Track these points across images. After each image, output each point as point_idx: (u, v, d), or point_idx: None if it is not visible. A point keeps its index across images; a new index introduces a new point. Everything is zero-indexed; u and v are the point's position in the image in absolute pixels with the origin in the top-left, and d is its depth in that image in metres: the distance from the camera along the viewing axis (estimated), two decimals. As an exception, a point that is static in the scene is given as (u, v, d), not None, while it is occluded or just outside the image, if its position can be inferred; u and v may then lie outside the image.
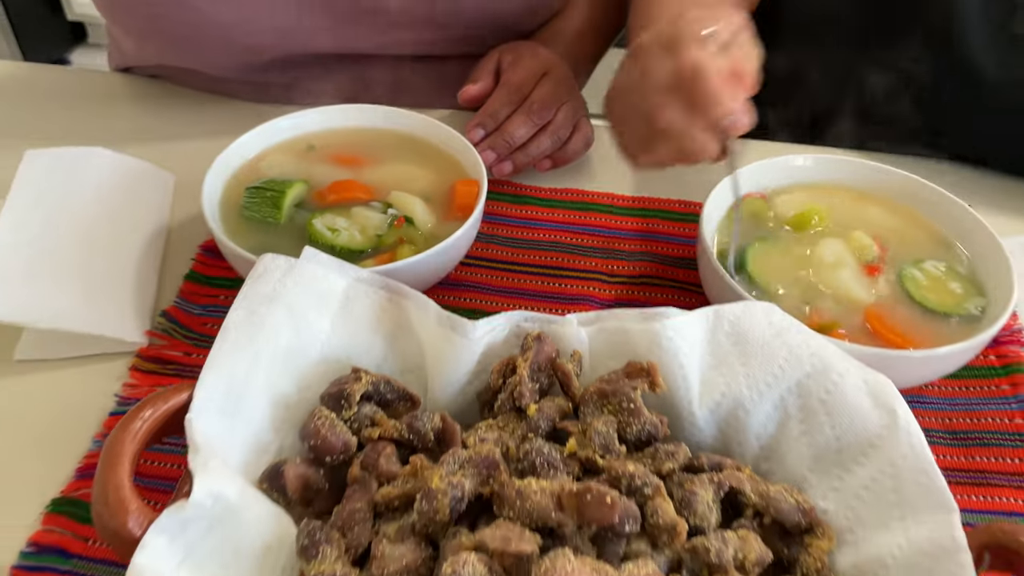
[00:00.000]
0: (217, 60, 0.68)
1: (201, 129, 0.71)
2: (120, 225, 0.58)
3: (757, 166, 0.57)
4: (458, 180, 0.57)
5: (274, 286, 0.44)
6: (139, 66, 0.76)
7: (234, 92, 0.73)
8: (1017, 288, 0.49)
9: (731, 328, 0.44)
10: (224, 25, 0.64)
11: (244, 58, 0.67)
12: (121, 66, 0.78)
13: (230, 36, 0.65)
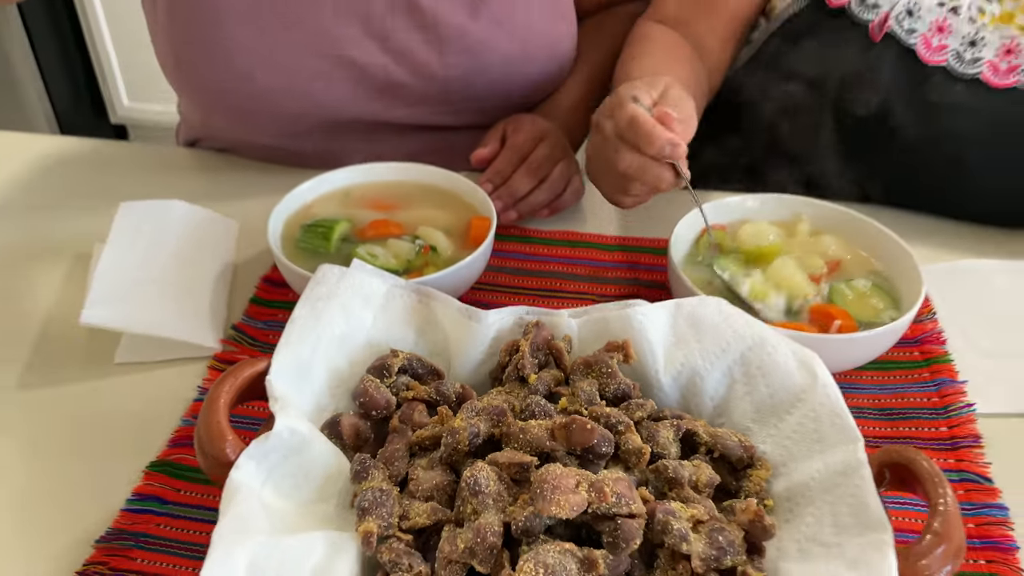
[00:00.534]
0: (268, 127, 0.83)
1: (255, 189, 0.84)
2: (197, 258, 0.71)
3: (715, 204, 0.70)
4: (473, 217, 0.70)
5: (330, 288, 0.56)
6: (204, 138, 0.91)
7: (280, 160, 0.87)
8: (922, 297, 0.61)
9: (689, 315, 0.55)
10: (274, 92, 0.79)
11: (288, 126, 0.82)
12: (188, 139, 0.93)
13: (279, 104, 0.80)
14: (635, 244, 0.77)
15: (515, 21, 0.82)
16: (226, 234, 0.76)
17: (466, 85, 0.82)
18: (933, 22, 0.77)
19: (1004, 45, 0.75)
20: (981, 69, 0.75)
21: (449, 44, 0.80)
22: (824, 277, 0.66)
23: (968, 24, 0.76)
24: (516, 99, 0.86)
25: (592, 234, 0.79)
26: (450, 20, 0.80)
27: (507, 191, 0.76)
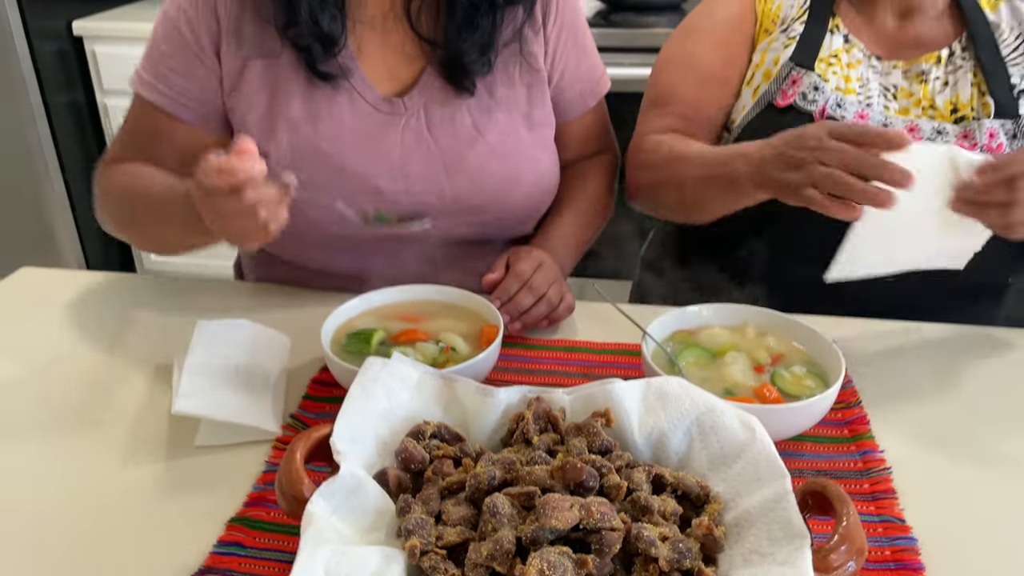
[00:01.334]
0: (316, 248, 1.02)
1: (300, 315, 1.01)
2: (259, 363, 0.87)
3: (679, 312, 0.87)
4: (485, 325, 0.87)
5: (376, 374, 0.72)
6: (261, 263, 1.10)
7: (322, 279, 1.06)
8: (841, 379, 0.77)
9: (656, 389, 0.71)
10: (321, 220, 0.98)
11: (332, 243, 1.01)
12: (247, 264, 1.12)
13: (324, 228, 0.99)
14: (616, 348, 0.94)
15: (506, 150, 1.03)
16: (280, 346, 0.92)
17: (468, 201, 1.03)
18: (856, 112, 1.03)
19: (907, 127, 1.02)
20: None
21: (452, 168, 1.02)
22: (768, 366, 0.82)
23: (880, 115, 1.02)
24: (510, 213, 1.06)
25: (583, 341, 0.96)
26: (454, 150, 1.01)
27: (512, 307, 0.93)
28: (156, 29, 1.01)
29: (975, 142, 1.01)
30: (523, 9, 1.03)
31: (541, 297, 0.95)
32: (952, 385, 0.89)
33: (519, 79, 1.05)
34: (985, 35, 1.05)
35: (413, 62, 1.03)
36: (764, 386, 0.79)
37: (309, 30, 0.95)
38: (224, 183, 0.74)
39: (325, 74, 0.98)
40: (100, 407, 0.85)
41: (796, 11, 1.09)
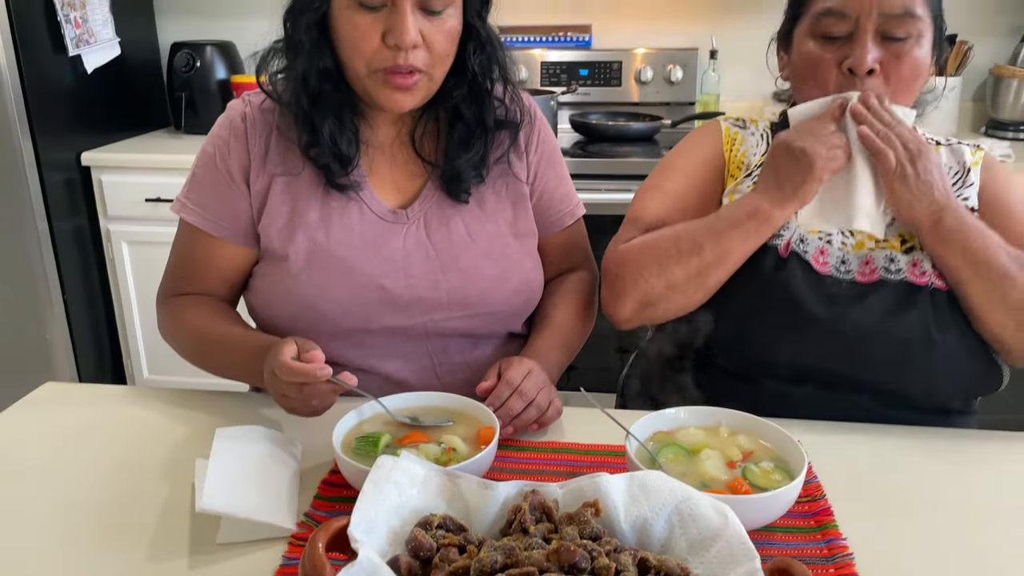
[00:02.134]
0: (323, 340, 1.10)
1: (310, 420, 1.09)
2: (275, 467, 0.95)
3: (657, 415, 0.96)
4: (481, 428, 0.95)
5: (387, 472, 0.80)
6: None
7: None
8: (804, 472, 0.85)
9: (640, 482, 0.79)
10: (330, 315, 1.12)
11: (340, 337, 1.13)
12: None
13: (334, 323, 1.12)
14: (601, 449, 1.02)
15: (495, 253, 1.18)
16: (293, 450, 1.00)
17: (463, 296, 1.16)
18: (816, 248, 1.15)
19: (862, 260, 1.14)
20: (854, 276, 1.12)
21: (447, 267, 1.16)
22: (739, 462, 0.90)
23: (839, 250, 1.14)
24: (500, 308, 1.19)
25: (570, 443, 1.04)
26: (449, 253, 1.16)
27: (504, 411, 1.02)
28: (196, 163, 1.19)
29: (923, 269, 1.12)
30: (509, 135, 1.21)
31: (531, 402, 1.03)
32: (917, 480, 0.97)
33: (506, 195, 1.22)
34: None
35: (415, 178, 1.21)
36: (736, 479, 0.87)
37: (329, 150, 1.12)
38: (291, 379, 0.94)
39: (341, 186, 1.14)
40: (126, 510, 0.92)
41: (759, 159, 1.24)
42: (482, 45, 1.14)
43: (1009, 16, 2.81)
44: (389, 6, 1.05)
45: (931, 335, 1.08)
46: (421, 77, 1.08)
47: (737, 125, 1.29)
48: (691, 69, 2.90)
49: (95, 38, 2.63)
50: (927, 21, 1.11)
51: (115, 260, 2.68)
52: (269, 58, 1.14)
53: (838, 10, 1.10)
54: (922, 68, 1.12)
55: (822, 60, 1.13)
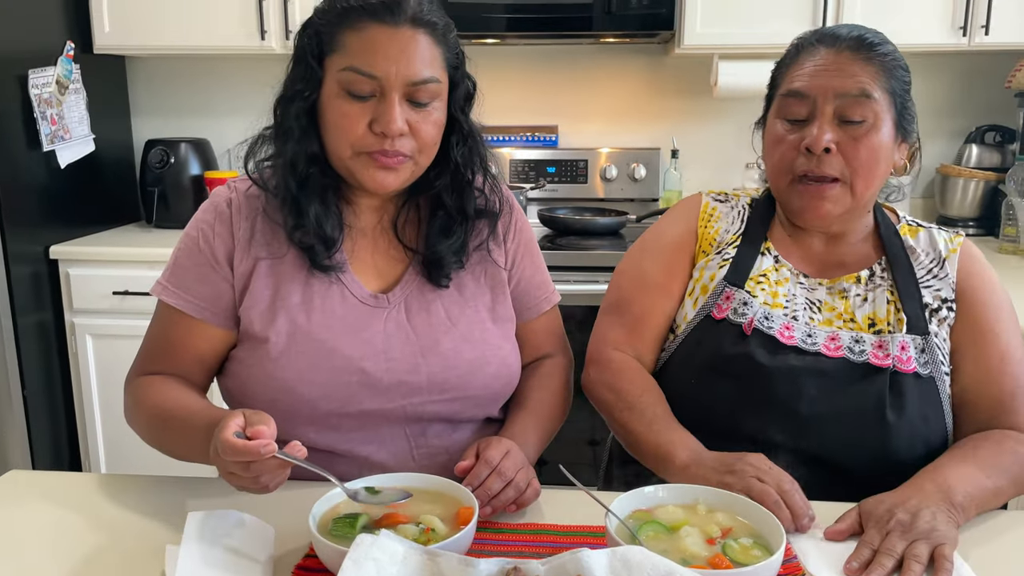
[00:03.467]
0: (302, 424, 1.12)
1: (283, 505, 1.07)
2: (247, 549, 0.93)
3: (635, 493, 0.96)
4: (461, 507, 0.95)
5: (366, 550, 0.79)
6: None
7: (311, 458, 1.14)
8: (783, 547, 0.86)
9: (621, 556, 0.79)
10: (309, 398, 1.11)
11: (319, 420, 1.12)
12: None
13: (313, 406, 1.12)
14: (580, 530, 1.02)
15: (474, 337, 1.20)
16: (267, 534, 0.98)
17: (443, 379, 1.17)
18: (782, 324, 1.19)
19: (829, 336, 1.18)
20: (818, 348, 1.16)
21: (428, 351, 1.16)
22: (719, 539, 0.91)
23: (805, 324, 1.18)
24: (480, 392, 1.20)
25: (549, 524, 1.03)
26: (430, 336, 1.17)
27: (483, 491, 1.01)
28: (178, 247, 1.19)
29: (888, 352, 1.16)
30: (488, 223, 1.24)
31: (509, 482, 1.03)
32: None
33: (485, 281, 1.24)
34: (902, 258, 1.23)
35: (397, 264, 1.23)
36: (717, 556, 0.87)
37: (314, 232, 1.13)
38: (236, 459, 0.90)
39: (324, 267, 1.15)
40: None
41: (731, 236, 1.30)
42: (464, 137, 1.19)
43: (952, 121, 2.98)
44: (378, 96, 1.09)
45: (884, 415, 1.13)
46: (406, 160, 1.12)
47: (718, 200, 1.35)
48: (654, 167, 3.01)
49: (70, 134, 2.67)
50: (885, 105, 1.16)
51: (78, 354, 2.64)
52: (258, 145, 1.18)
53: (799, 91, 1.18)
54: (881, 152, 1.16)
55: (784, 140, 1.20)
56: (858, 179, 1.16)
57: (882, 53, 1.17)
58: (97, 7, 2.73)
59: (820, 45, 1.19)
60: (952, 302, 1.21)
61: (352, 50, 1.09)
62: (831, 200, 1.18)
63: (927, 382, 1.16)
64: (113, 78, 3.02)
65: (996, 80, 2.83)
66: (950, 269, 1.23)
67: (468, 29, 2.66)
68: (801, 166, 1.18)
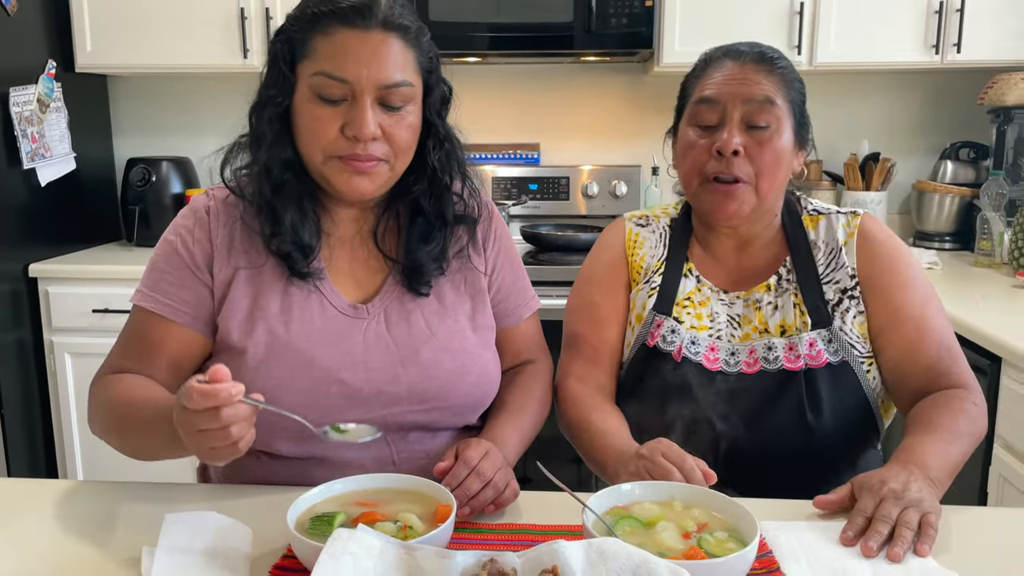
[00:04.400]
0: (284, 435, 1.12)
1: (261, 506, 1.07)
2: (224, 550, 0.92)
3: (613, 489, 0.97)
4: (439, 506, 0.95)
5: (344, 544, 0.79)
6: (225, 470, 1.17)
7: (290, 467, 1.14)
8: (757, 538, 0.86)
9: (597, 547, 0.80)
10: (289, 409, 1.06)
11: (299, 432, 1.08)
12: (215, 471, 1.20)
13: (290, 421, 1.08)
14: (559, 529, 1.02)
15: (455, 346, 1.19)
16: (244, 535, 0.97)
17: (423, 389, 1.16)
18: (707, 346, 1.26)
19: (748, 350, 1.25)
20: (741, 367, 1.23)
21: (408, 361, 1.16)
22: (694, 533, 0.91)
23: (728, 343, 1.25)
24: (460, 401, 1.19)
25: (527, 524, 1.03)
26: (409, 346, 1.16)
27: (462, 491, 1.01)
28: (156, 253, 1.18)
29: (798, 353, 1.24)
30: (468, 230, 1.24)
31: (488, 482, 1.03)
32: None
33: (465, 290, 1.24)
34: (804, 256, 1.30)
35: (376, 273, 1.22)
36: (692, 549, 0.87)
37: (291, 239, 1.13)
38: (204, 404, 0.85)
39: (303, 274, 1.14)
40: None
41: (656, 263, 1.36)
42: (441, 142, 1.19)
43: (927, 137, 3.03)
44: (350, 100, 1.09)
45: (805, 419, 1.21)
46: (380, 164, 1.12)
47: (640, 224, 1.41)
48: (634, 184, 3.04)
49: (51, 152, 2.67)
50: (785, 111, 1.25)
51: (57, 372, 2.62)
52: (233, 153, 1.17)
53: (710, 98, 1.26)
54: (783, 155, 1.25)
55: (696, 145, 1.27)
56: (763, 180, 1.24)
57: (781, 66, 1.27)
58: (79, 26, 2.74)
59: (726, 58, 1.28)
60: (853, 291, 1.27)
61: (323, 55, 1.09)
62: (738, 199, 1.25)
63: (840, 368, 1.24)
64: (95, 96, 3.03)
65: (969, 97, 2.88)
66: (847, 258, 1.29)
67: (450, 48, 2.69)
68: (712, 168, 1.25)
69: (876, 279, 1.27)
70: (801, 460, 1.24)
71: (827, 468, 1.21)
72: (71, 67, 2.77)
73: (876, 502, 0.99)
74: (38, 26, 2.65)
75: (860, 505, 1.00)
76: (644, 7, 2.65)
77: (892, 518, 0.96)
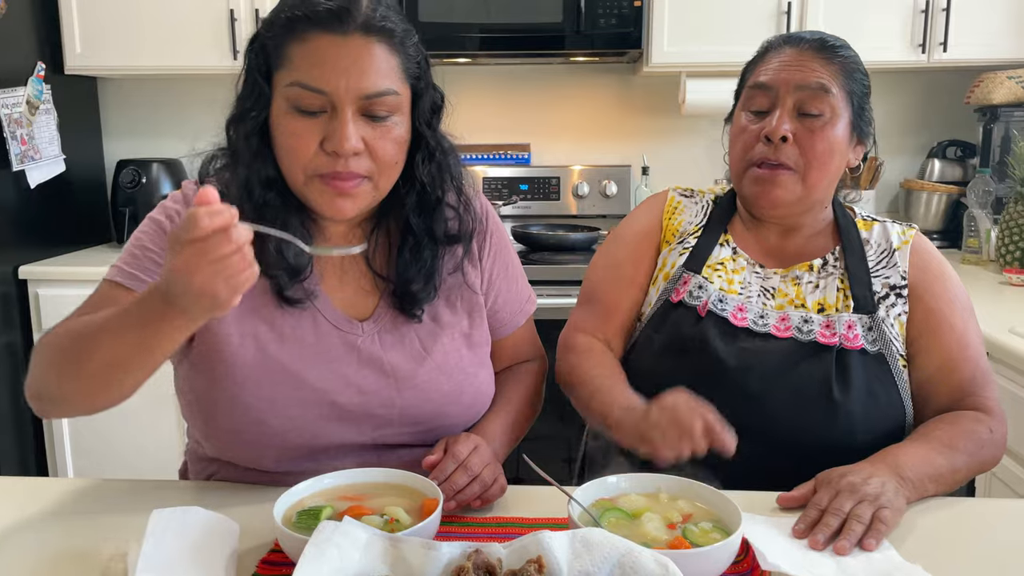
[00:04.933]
0: (272, 456, 1.09)
1: (248, 503, 1.07)
2: (211, 545, 0.92)
3: (599, 482, 0.97)
4: (425, 499, 0.95)
5: (328, 535, 0.80)
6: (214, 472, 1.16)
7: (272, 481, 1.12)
8: (741, 528, 0.87)
9: (582, 538, 0.80)
10: (279, 431, 1.07)
11: (288, 453, 1.09)
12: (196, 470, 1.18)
13: (283, 439, 1.08)
14: (546, 522, 1.02)
15: (450, 367, 1.15)
16: (230, 530, 0.97)
17: (416, 412, 1.13)
18: (735, 305, 1.23)
19: (780, 317, 1.22)
20: (769, 329, 1.20)
21: (403, 384, 1.12)
22: (679, 524, 0.92)
23: (758, 307, 1.23)
24: (453, 422, 1.16)
25: (513, 517, 1.04)
26: (404, 368, 1.13)
27: (448, 486, 1.01)
28: (140, 232, 1.11)
29: (835, 331, 1.20)
30: (462, 247, 1.18)
31: (475, 477, 1.03)
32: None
33: (460, 307, 1.20)
34: (856, 248, 1.27)
35: (369, 296, 1.16)
36: (677, 538, 0.88)
37: (275, 262, 1.07)
38: (213, 225, 0.78)
39: (291, 299, 1.09)
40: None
41: (693, 227, 1.34)
42: (431, 154, 1.12)
43: (915, 136, 3.05)
44: (329, 111, 1.02)
45: (831, 393, 1.16)
46: (363, 183, 1.05)
47: (684, 195, 1.40)
48: (625, 184, 3.05)
49: (40, 154, 2.66)
50: (842, 101, 1.21)
51: (48, 375, 2.60)
52: (211, 163, 1.12)
53: (763, 83, 1.24)
54: (836, 146, 1.22)
55: (747, 129, 1.25)
56: (811, 170, 1.21)
57: (842, 55, 1.24)
58: (68, 28, 2.74)
59: (786, 45, 1.26)
60: (902, 289, 1.24)
61: (298, 63, 1.02)
62: (782, 186, 1.22)
63: (875, 358, 1.19)
64: (84, 98, 3.03)
65: (956, 96, 2.90)
66: (900, 260, 1.26)
67: (440, 48, 2.70)
68: (759, 153, 1.23)
69: (926, 287, 1.23)
70: (819, 439, 1.16)
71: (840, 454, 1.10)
72: (60, 69, 2.77)
73: (831, 496, 0.98)
74: (27, 28, 2.65)
75: (816, 498, 1.00)
76: (633, 7, 2.66)
77: (844, 511, 0.96)
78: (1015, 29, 2.63)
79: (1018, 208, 2.43)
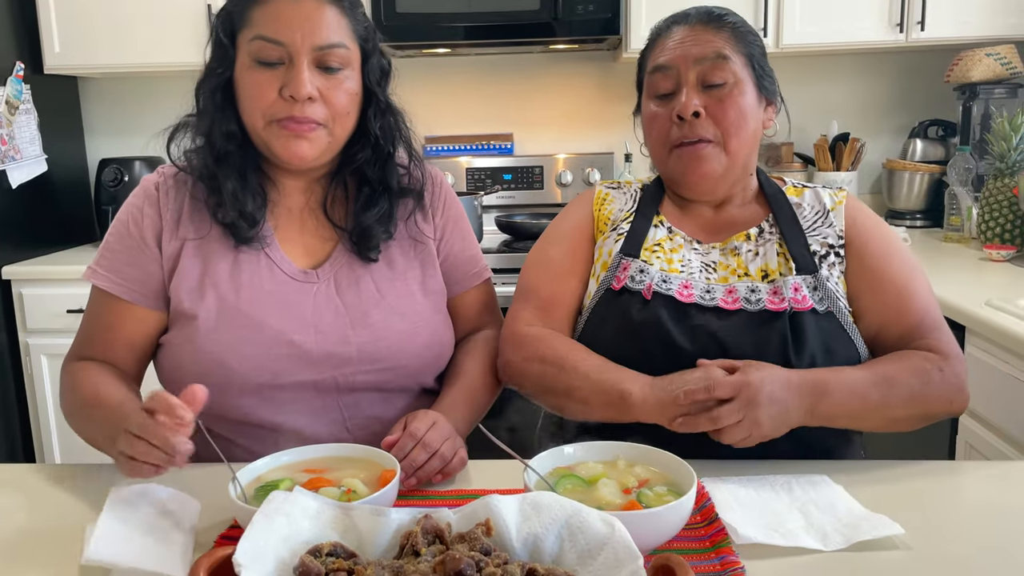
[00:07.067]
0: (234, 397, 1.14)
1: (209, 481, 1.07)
2: (169, 519, 0.93)
3: (557, 450, 0.98)
4: (383, 471, 0.95)
5: (278, 505, 0.80)
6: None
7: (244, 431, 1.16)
8: (694, 488, 0.87)
9: (532, 501, 0.80)
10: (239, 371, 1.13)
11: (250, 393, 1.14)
12: None
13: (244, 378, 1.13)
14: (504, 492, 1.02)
15: (404, 308, 1.22)
16: (190, 506, 0.98)
17: (373, 349, 1.18)
18: (680, 283, 1.22)
19: (727, 290, 1.21)
20: (716, 303, 1.19)
21: (357, 322, 1.18)
22: (635, 488, 0.92)
23: (703, 282, 1.22)
24: (412, 363, 1.21)
25: (477, 489, 1.04)
26: (359, 309, 1.19)
27: (408, 463, 1.02)
28: (109, 232, 1.22)
29: (782, 296, 1.19)
30: (414, 198, 1.28)
31: (435, 453, 1.04)
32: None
33: (414, 256, 1.27)
34: (787, 212, 1.28)
35: (326, 242, 1.25)
36: (631, 503, 0.88)
37: (232, 206, 1.16)
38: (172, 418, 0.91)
39: (248, 238, 1.17)
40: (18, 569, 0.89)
41: (624, 214, 1.33)
42: (382, 111, 1.22)
43: (896, 117, 3.05)
44: (287, 62, 1.13)
45: (788, 359, 1.14)
46: (319, 129, 1.15)
47: (611, 187, 1.39)
48: (608, 171, 3.05)
49: (21, 154, 2.67)
50: (741, 65, 1.23)
51: (33, 374, 2.61)
52: (178, 131, 1.21)
53: (663, 64, 1.25)
54: (747, 110, 1.23)
55: (658, 115, 1.26)
56: (730, 139, 1.22)
57: (731, 22, 1.27)
58: (47, 27, 2.74)
59: (675, 25, 1.28)
60: (840, 248, 1.25)
61: (259, 21, 1.14)
62: (706, 159, 1.23)
63: (826, 317, 1.19)
64: (65, 98, 3.03)
65: (936, 76, 2.90)
66: (836, 219, 1.27)
67: (420, 39, 2.69)
68: (676, 134, 1.24)
69: (862, 245, 1.24)
70: None
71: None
72: (40, 69, 2.77)
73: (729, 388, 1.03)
74: (5, 28, 2.65)
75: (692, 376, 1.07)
76: (610, -7, 2.66)
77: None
78: (992, 6, 2.63)
79: (998, 185, 2.43)
